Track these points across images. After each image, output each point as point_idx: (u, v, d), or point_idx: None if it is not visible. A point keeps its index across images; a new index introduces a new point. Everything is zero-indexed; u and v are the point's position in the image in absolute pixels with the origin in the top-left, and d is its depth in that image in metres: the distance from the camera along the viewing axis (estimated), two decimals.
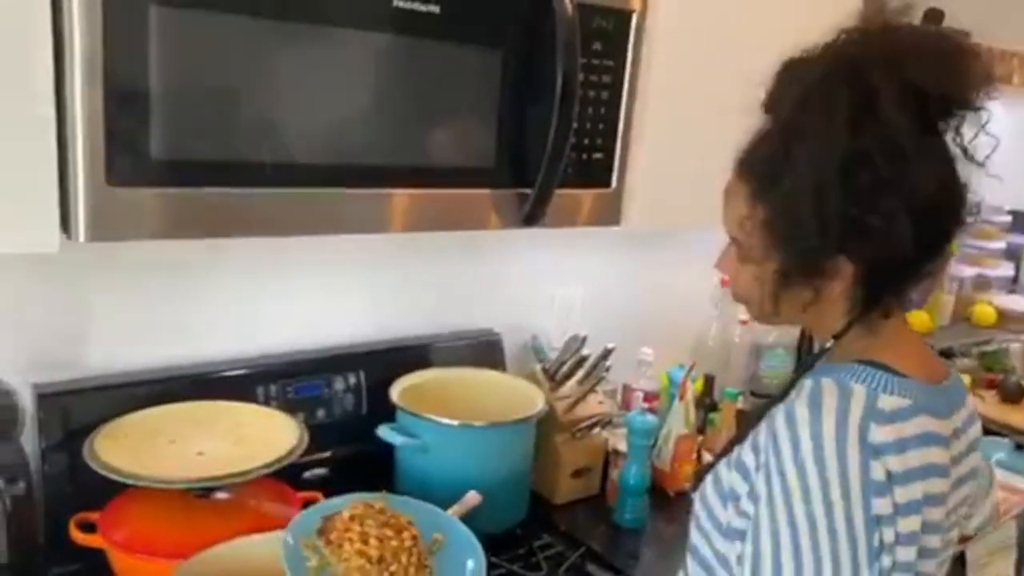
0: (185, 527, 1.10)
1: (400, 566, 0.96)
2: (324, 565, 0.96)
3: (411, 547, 0.98)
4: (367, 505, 1.04)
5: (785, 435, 0.80)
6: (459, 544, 1.05)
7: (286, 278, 1.44)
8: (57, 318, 1.24)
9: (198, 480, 1.06)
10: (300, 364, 1.43)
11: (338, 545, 0.97)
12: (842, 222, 0.80)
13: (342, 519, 1.01)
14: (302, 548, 0.99)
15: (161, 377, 1.30)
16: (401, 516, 1.03)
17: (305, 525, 1.02)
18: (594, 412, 1.55)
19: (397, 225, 1.13)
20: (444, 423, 1.31)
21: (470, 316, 1.67)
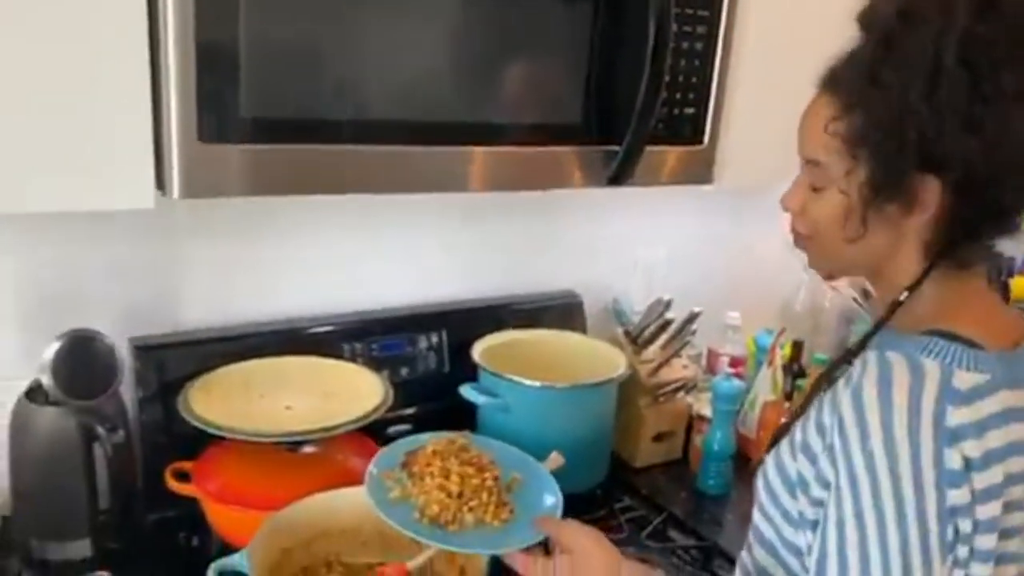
0: (274, 479, 1.13)
1: (480, 503, 0.98)
2: (406, 496, 0.99)
3: (492, 487, 1.00)
4: (449, 441, 1.06)
5: (852, 419, 0.74)
6: (537, 483, 1.07)
7: (371, 237, 1.45)
8: (152, 275, 1.28)
9: (288, 434, 1.09)
10: (385, 322, 1.44)
11: (420, 478, 1.00)
12: (951, 117, 0.72)
13: (425, 453, 1.03)
14: (384, 479, 1.01)
15: (250, 332, 1.32)
16: (483, 455, 1.05)
17: (389, 458, 1.05)
18: (678, 376, 1.52)
19: (479, 183, 1.11)
20: (526, 384, 1.30)
21: (551, 277, 1.65)
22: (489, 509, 0.98)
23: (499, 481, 1.02)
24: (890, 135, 0.75)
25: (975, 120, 0.72)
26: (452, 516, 0.96)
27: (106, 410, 1.12)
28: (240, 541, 1.09)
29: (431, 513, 0.96)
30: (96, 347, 1.12)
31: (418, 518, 0.96)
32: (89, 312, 1.19)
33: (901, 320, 0.82)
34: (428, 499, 0.97)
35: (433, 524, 0.95)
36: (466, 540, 0.94)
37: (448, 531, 0.95)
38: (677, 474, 1.53)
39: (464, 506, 0.97)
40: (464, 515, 0.97)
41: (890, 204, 0.77)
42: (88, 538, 1.14)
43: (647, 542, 1.28)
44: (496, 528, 0.97)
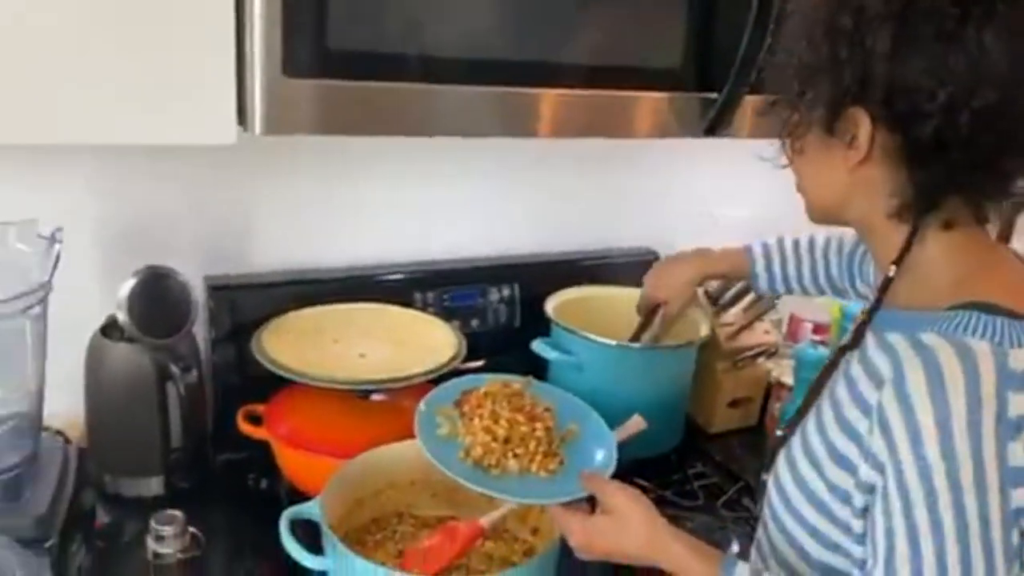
0: (345, 426, 1.11)
1: (527, 451, 0.94)
2: (453, 435, 0.96)
3: (541, 437, 0.96)
4: (504, 385, 1.03)
5: (900, 421, 0.67)
6: (594, 438, 1.02)
7: (447, 185, 1.41)
8: (227, 215, 1.26)
9: (364, 383, 1.06)
10: (457, 273, 1.40)
11: (469, 418, 0.97)
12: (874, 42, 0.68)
13: (478, 395, 1.01)
14: (436, 415, 0.99)
15: (323, 277, 1.30)
16: (539, 404, 1.01)
17: (443, 395, 1.02)
18: (760, 341, 1.45)
19: (568, 129, 1.05)
20: (601, 342, 1.26)
21: (628, 233, 1.59)
22: (535, 459, 0.95)
23: (551, 432, 0.98)
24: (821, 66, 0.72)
25: (898, 46, 0.67)
26: (495, 460, 0.93)
27: (180, 349, 1.11)
28: (309, 486, 1.09)
29: (476, 455, 0.93)
30: (171, 285, 1.11)
31: (462, 457, 0.93)
32: (164, 250, 1.18)
33: (918, 296, 0.75)
34: (474, 440, 0.94)
35: (475, 466, 0.93)
36: (505, 486, 0.91)
37: (489, 474, 0.92)
38: (752, 441, 1.47)
39: (509, 452, 0.94)
40: (508, 461, 0.94)
41: (830, 137, 0.73)
42: (160, 476, 1.14)
43: (722, 511, 1.23)
44: (540, 479, 0.94)
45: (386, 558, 0.98)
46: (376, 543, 1.02)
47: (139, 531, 1.06)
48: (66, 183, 1.15)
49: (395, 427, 1.11)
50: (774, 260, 1.22)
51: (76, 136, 0.81)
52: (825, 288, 1.20)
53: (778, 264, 1.22)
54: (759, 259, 1.23)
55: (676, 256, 1.29)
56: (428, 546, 0.96)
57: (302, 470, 1.10)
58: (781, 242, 1.23)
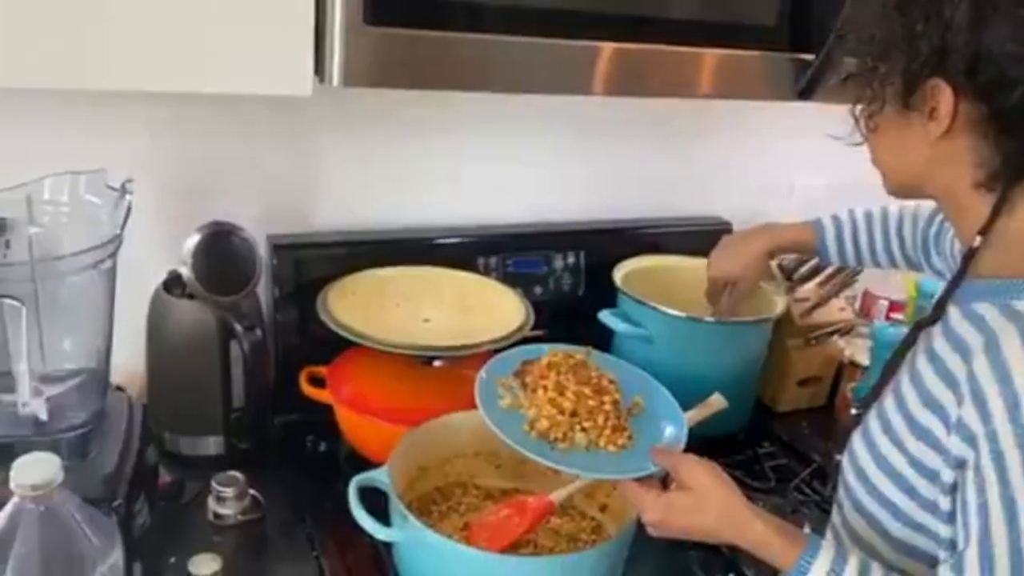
0: (408, 391, 1.09)
1: (595, 425, 0.90)
2: (516, 406, 0.92)
3: (609, 411, 0.92)
4: (567, 355, 0.98)
5: (996, 391, 0.65)
6: (662, 411, 0.98)
7: (515, 145, 1.36)
8: (292, 171, 1.23)
9: (432, 348, 1.03)
10: (521, 238, 1.36)
11: (532, 390, 0.93)
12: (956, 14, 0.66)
13: (540, 365, 0.96)
14: (496, 385, 0.95)
15: (387, 238, 1.27)
16: (604, 376, 0.96)
17: (504, 365, 0.98)
18: (835, 319, 1.39)
19: (651, 87, 1.00)
20: (673, 314, 1.21)
21: (699, 201, 1.53)
22: (604, 433, 0.90)
23: (618, 405, 0.94)
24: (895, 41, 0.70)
25: (980, 15, 0.66)
26: (562, 434, 0.89)
27: (243, 308, 1.09)
28: (370, 451, 1.07)
29: (540, 428, 0.89)
30: (235, 242, 1.09)
31: (527, 430, 0.89)
32: (227, 205, 1.15)
33: (1006, 265, 0.73)
34: (539, 412, 0.90)
35: (541, 439, 0.89)
36: (574, 461, 0.87)
37: (556, 448, 0.88)
38: (820, 422, 1.42)
39: (576, 425, 0.90)
40: (575, 435, 0.89)
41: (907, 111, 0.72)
42: (220, 436, 1.13)
43: (793, 494, 1.18)
44: (610, 453, 0.89)
45: (452, 530, 0.96)
46: (441, 514, 0.99)
47: (199, 491, 1.05)
48: (129, 134, 1.12)
49: (458, 395, 1.07)
50: (845, 232, 1.17)
51: (152, 83, 0.78)
52: (899, 261, 1.15)
53: (849, 237, 1.17)
54: (829, 231, 1.18)
55: (743, 232, 1.24)
56: (495, 520, 0.93)
57: (365, 435, 1.07)
58: (852, 214, 1.18)
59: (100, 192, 0.83)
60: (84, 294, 0.82)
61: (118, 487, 0.82)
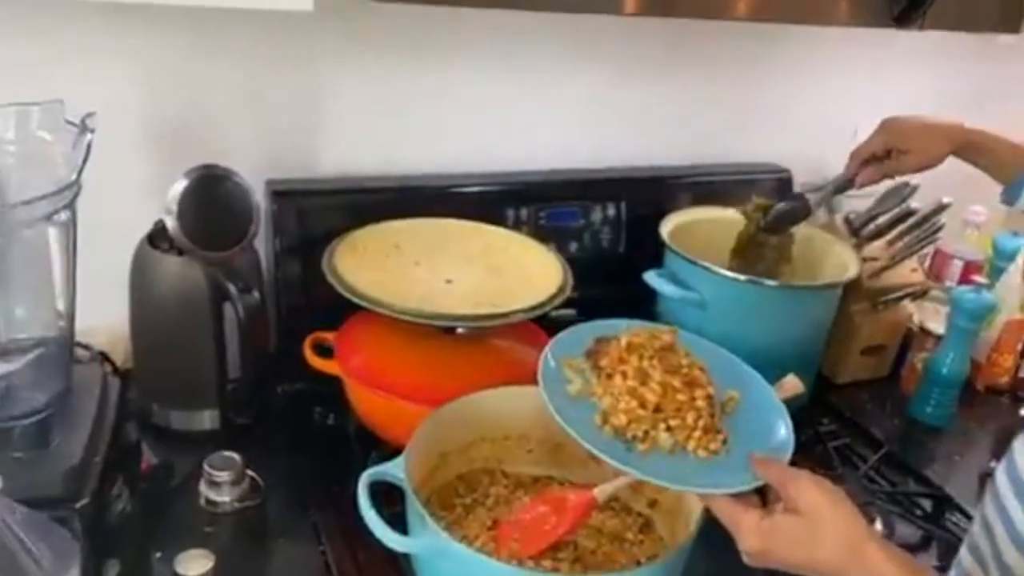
0: (428, 364, 0.95)
1: (683, 424, 0.74)
2: (587, 393, 0.77)
3: (702, 407, 0.76)
4: (652, 335, 0.81)
5: None
6: (761, 408, 0.82)
7: (548, 80, 1.19)
8: (295, 107, 1.07)
9: (453, 318, 0.88)
10: (555, 187, 1.20)
11: (608, 376, 0.77)
12: None
13: (618, 346, 0.80)
14: (564, 368, 0.80)
15: (404, 185, 1.11)
16: (696, 364, 0.80)
17: (572, 344, 0.83)
18: (907, 281, 1.24)
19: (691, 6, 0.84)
20: (730, 276, 1.05)
21: (754, 146, 1.37)
22: (693, 435, 0.74)
23: (712, 402, 0.78)
24: None
25: None
26: (643, 433, 0.74)
27: (239, 265, 0.95)
28: (384, 429, 0.94)
29: (617, 423, 0.74)
30: (229, 189, 0.95)
31: (599, 424, 0.74)
32: (220, 146, 1.00)
33: None
34: (615, 404, 0.75)
35: (617, 436, 0.74)
36: (656, 468, 0.72)
37: (635, 450, 0.73)
38: (883, 394, 1.28)
39: (661, 423, 0.74)
40: (659, 434, 0.74)
41: None
42: (215, 409, 1.00)
43: (863, 482, 1.04)
44: (699, 460, 0.74)
45: (479, 529, 0.82)
46: (466, 508, 0.85)
47: (190, 473, 0.92)
48: (108, 65, 0.96)
49: (485, 368, 0.94)
50: None
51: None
52: None
53: None
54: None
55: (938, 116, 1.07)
56: (529, 519, 0.79)
57: (378, 413, 0.94)
58: None
59: (56, 128, 0.68)
60: (38, 251, 0.68)
61: (84, 483, 0.68)
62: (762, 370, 1.05)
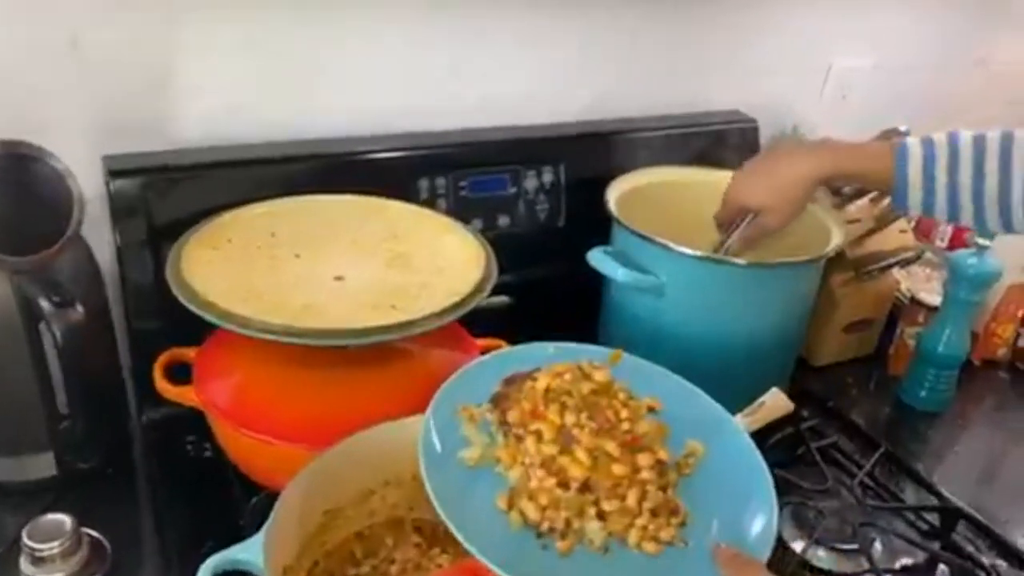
0: (313, 390, 0.74)
1: (621, 509, 0.53)
2: (489, 461, 0.56)
3: (649, 481, 0.55)
4: (581, 374, 0.61)
5: None
6: (732, 457, 0.61)
7: (466, 22, 0.97)
8: (135, 56, 0.83)
9: (336, 334, 0.66)
10: (478, 149, 0.99)
11: (517, 437, 0.56)
12: None
13: (533, 392, 0.59)
14: (461, 422, 0.59)
15: (279, 155, 0.89)
16: (641, 410, 0.60)
17: (471, 384, 0.61)
18: (896, 246, 1.06)
19: None
20: (692, 255, 0.86)
21: (711, 93, 1.17)
22: (637, 523, 0.54)
23: (665, 468, 0.57)
24: None
25: None
26: (564, 524, 0.53)
27: (56, 272, 0.72)
28: (260, 475, 0.74)
29: (527, 511, 0.53)
30: (40, 173, 0.72)
31: (502, 509, 0.53)
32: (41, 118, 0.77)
33: None
34: (524, 483, 0.54)
35: (527, 527, 0.53)
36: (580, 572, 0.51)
37: (552, 549, 0.52)
38: (868, 376, 1.11)
39: (590, 508, 0.53)
40: (587, 525, 0.53)
41: None
42: (49, 452, 0.78)
43: (857, 493, 0.86)
44: (646, 559, 0.53)
45: None
46: None
47: (14, 541, 0.71)
48: None
49: (390, 390, 0.74)
50: (938, 166, 0.79)
51: None
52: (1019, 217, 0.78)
53: (944, 172, 0.79)
54: (914, 160, 0.79)
55: (786, 150, 0.89)
56: None
57: (253, 457, 0.73)
58: (955, 138, 0.79)
59: None
60: None
61: None
62: (734, 366, 0.88)
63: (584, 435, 0.54)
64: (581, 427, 0.55)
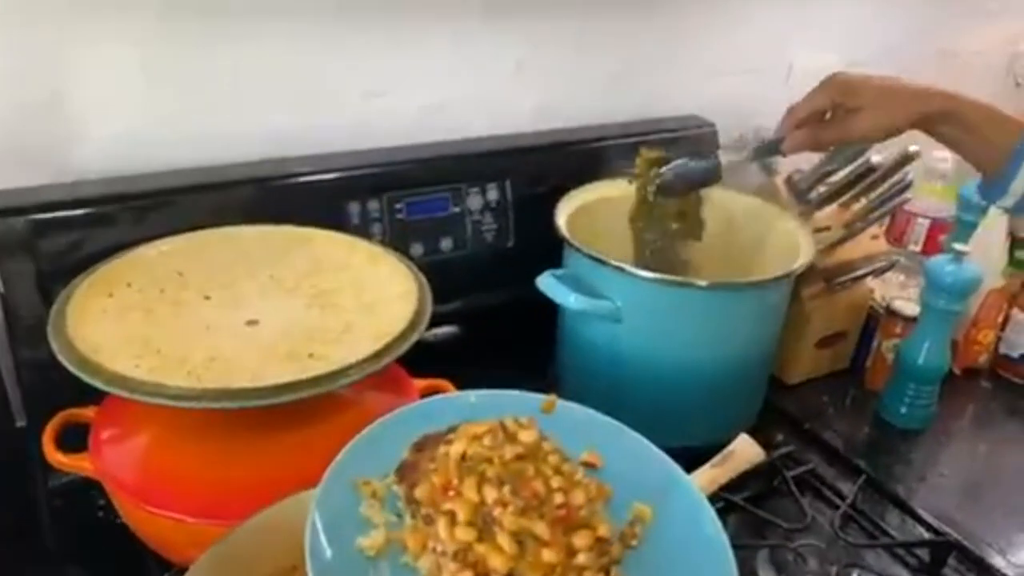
0: (228, 451, 0.65)
1: None
2: (395, 547, 0.47)
3: (587, 566, 0.47)
4: (504, 435, 0.52)
5: None
6: (684, 523, 0.53)
7: (394, 26, 0.89)
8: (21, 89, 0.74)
9: (243, 394, 0.58)
10: (414, 167, 0.91)
11: (426, 519, 0.48)
12: None
13: (448, 459, 0.50)
14: (361, 499, 0.50)
15: (186, 185, 0.80)
16: (576, 474, 0.52)
17: (374, 452, 0.53)
18: (868, 254, 0.99)
19: None
20: (650, 279, 0.78)
21: (666, 97, 1.10)
22: None
23: (606, 545, 0.49)
24: None
25: None
26: None
27: None
28: (168, 551, 0.65)
29: None
30: None
31: None
32: None
33: None
34: (435, 573, 0.46)
35: None
36: None
37: None
38: (844, 392, 1.04)
39: None
40: None
41: None
42: None
43: (838, 529, 0.79)
44: None
45: None
46: None
47: None
48: None
49: (313, 448, 0.65)
50: None
51: None
52: None
53: None
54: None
55: None
56: None
57: (158, 533, 0.64)
58: None
59: None
60: None
61: None
62: (702, 393, 0.81)
63: (507, 515, 0.46)
64: (504, 505, 0.46)
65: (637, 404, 0.81)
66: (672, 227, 0.88)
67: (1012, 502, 0.88)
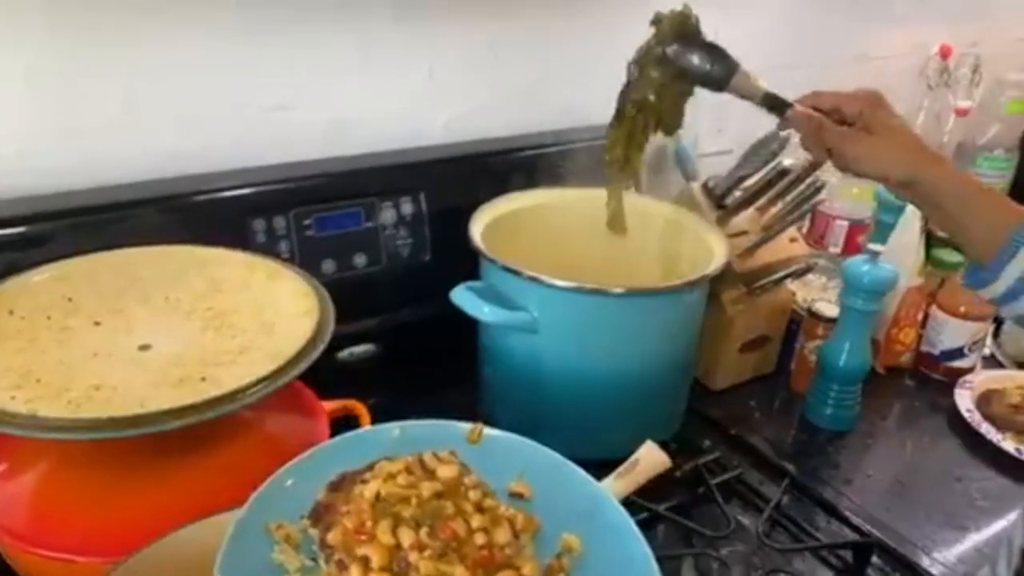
0: (118, 482, 0.62)
1: None
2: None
3: None
4: (423, 472, 0.50)
5: None
6: (613, 558, 0.51)
7: (299, 34, 0.87)
8: None
9: (124, 423, 0.54)
10: (323, 182, 0.89)
11: (339, 565, 0.45)
12: None
13: (364, 499, 0.48)
14: (275, 544, 0.47)
15: (76, 206, 0.76)
16: (500, 510, 0.50)
17: (285, 495, 0.50)
18: (788, 256, 0.99)
19: None
20: (565, 287, 0.77)
21: (585, 105, 1.08)
22: None
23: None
24: None
25: None
26: None
27: None
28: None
29: None
30: None
31: None
32: None
33: None
34: None
35: None
36: None
37: None
38: (771, 396, 1.04)
39: None
40: None
41: None
42: None
43: (761, 536, 0.78)
44: None
45: None
46: None
47: None
48: None
49: (211, 475, 0.63)
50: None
51: None
52: None
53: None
54: None
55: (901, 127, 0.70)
56: None
57: (42, 572, 0.60)
58: None
59: None
60: None
61: None
62: (625, 400, 0.80)
63: (423, 560, 0.43)
64: (420, 548, 0.44)
65: (558, 415, 0.81)
66: (649, 98, 0.83)
67: (937, 500, 0.88)
